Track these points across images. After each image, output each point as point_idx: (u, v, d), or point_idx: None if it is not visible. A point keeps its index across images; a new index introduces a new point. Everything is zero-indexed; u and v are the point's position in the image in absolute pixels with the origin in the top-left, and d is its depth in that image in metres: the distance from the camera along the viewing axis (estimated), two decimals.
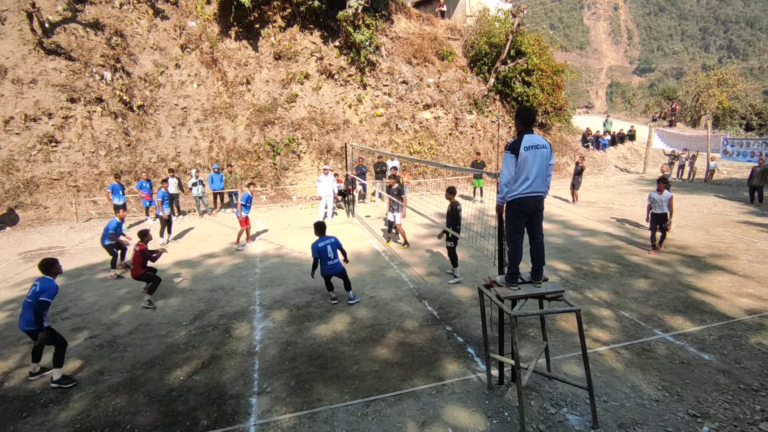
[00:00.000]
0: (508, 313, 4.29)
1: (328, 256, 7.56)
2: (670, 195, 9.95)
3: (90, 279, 9.45)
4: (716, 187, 19.53)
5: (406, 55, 22.41)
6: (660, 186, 9.95)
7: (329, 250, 7.58)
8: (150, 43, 18.25)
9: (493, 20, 23.99)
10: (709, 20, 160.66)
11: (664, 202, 9.91)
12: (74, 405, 5.10)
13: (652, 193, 10.16)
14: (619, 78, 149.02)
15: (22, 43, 15.84)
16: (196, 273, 9.62)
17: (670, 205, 9.96)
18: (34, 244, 12.38)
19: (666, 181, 9.97)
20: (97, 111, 16.33)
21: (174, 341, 6.55)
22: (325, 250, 7.55)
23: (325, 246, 7.59)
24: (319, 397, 5.10)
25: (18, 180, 14.90)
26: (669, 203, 9.92)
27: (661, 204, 9.93)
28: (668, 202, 9.91)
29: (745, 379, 5.22)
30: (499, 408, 4.81)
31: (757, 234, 11.49)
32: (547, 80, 23.45)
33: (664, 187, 9.91)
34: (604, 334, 6.38)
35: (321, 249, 7.55)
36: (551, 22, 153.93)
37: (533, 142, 4.39)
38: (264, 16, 20.00)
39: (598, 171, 24.76)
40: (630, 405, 4.81)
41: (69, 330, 7.00)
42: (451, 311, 7.28)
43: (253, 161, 18.40)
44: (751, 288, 7.92)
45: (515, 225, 4.60)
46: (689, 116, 38.88)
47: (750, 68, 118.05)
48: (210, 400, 5.12)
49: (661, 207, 9.93)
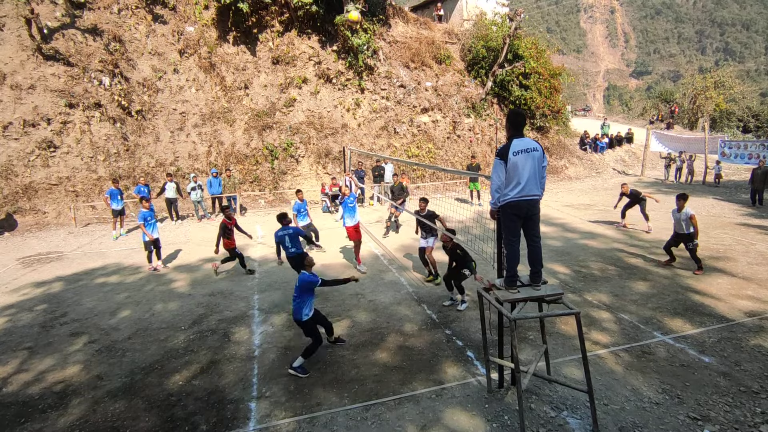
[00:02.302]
0: (507, 316, 4.29)
1: (286, 245, 8.11)
2: (690, 213, 8.86)
3: (89, 284, 9.43)
4: (713, 190, 19.58)
5: (404, 59, 22.48)
6: (680, 204, 8.98)
7: (287, 240, 8.10)
8: (148, 48, 18.28)
9: (491, 24, 24.11)
10: (705, 23, 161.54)
11: (683, 221, 8.89)
12: (73, 411, 5.08)
13: (672, 211, 9.23)
14: (617, 81, 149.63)
15: (21, 49, 15.86)
16: (195, 277, 9.61)
17: (694, 224, 8.82)
18: (32, 250, 12.36)
19: (685, 198, 9.03)
20: (95, 116, 16.34)
21: (173, 346, 6.53)
22: (283, 239, 8.11)
23: (284, 235, 8.11)
24: (318, 402, 5.09)
25: (16, 185, 14.89)
26: (691, 221, 8.81)
27: (680, 222, 8.97)
28: (689, 221, 8.82)
29: (746, 382, 5.21)
30: (499, 412, 4.80)
31: (756, 236, 11.50)
32: (545, 83, 23.55)
33: (684, 205, 8.93)
34: (604, 337, 6.37)
35: (280, 237, 8.12)
36: (548, 25, 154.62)
37: (523, 146, 4.39)
38: (262, 21, 20.06)
39: (596, 174, 24.82)
40: (630, 408, 4.80)
41: (67, 335, 6.98)
42: (450, 315, 7.27)
43: (251, 166, 18.42)
44: (750, 290, 7.92)
45: (510, 228, 4.61)
46: (686, 119, 39.02)
47: (746, 70, 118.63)
48: (209, 405, 5.10)
49: (680, 226, 8.97)
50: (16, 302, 8.46)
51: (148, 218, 9.81)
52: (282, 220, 8.20)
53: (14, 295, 8.90)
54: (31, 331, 7.15)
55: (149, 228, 9.83)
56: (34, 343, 6.75)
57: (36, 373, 5.89)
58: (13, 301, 8.56)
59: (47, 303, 8.39)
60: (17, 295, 8.83)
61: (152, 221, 9.93)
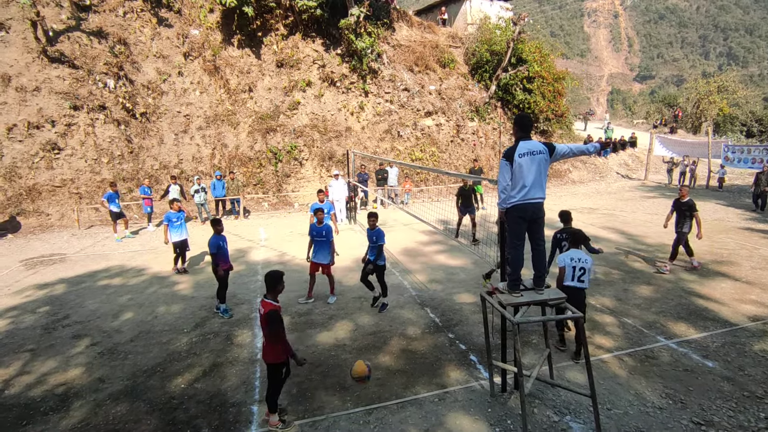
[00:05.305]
0: (511, 320, 4.27)
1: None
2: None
3: (91, 286, 9.45)
4: (717, 194, 19.50)
5: (408, 62, 22.54)
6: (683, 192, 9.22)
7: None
8: (153, 51, 18.39)
9: (494, 28, 24.17)
10: (708, 28, 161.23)
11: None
12: (74, 413, 5.07)
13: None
14: (620, 85, 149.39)
15: (26, 51, 15.97)
16: (198, 280, 9.62)
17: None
18: (35, 252, 12.40)
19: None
20: (100, 118, 16.43)
21: (175, 349, 6.53)
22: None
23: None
24: (320, 405, 5.07)
25: (20, 187, 14.95)
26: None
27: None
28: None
29: (749, 387, 5.17)
30: (501, 416, 4.77)
31: (760, 240, 11.44)
32: (548, 87, 23.57)
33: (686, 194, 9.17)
34: (608, 341, 6.34)
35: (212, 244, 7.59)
36: (552, 29, 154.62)
37: (528, 149, 4.40)
38: (266, 25, 20.15)
39: (599, 178, 24.78)
40: (633, 413, 4.77)
41: (70, 338, 6.98)
42: (453, 318, 7.25)
43: (255, 168, 18.46)
44: (754, 295, 7.88)
45: (515, 232, 4.60)
46: (690, 123, 38.94)
47: (750, 75, 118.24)
48: (211, 408, 5.09)
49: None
50: (18, 304, 8.48)
51: (173, 219, 9.74)
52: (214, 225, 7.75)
53: (17, 297, 8.92)
54: (34, 333, 7.16)
55: (173, 230, 9.77)
56: (37, 345, 6.76)
57: (38, 375, 5.89)
58: (16, 303, 8.58)
59: (50, 305, 8.40)
60: (20, 297, 8.85)
61: (178, 223, 9.82)
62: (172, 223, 9.77)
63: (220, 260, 7.54)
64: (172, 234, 9.81)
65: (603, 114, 44.61)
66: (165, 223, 9.80)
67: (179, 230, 9.88)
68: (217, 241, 7.56)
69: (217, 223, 7.71)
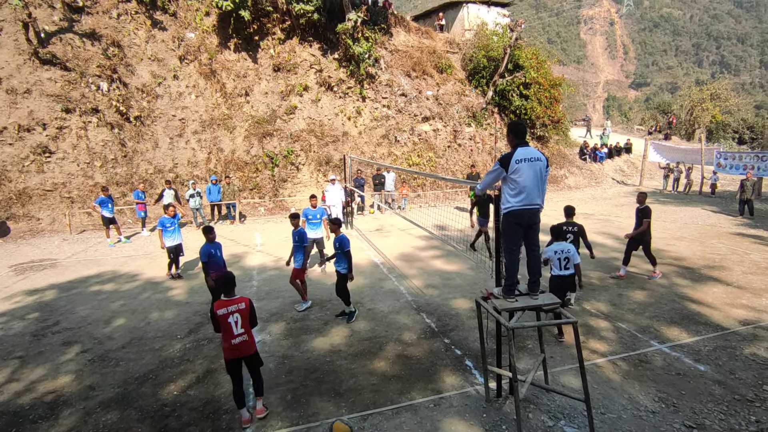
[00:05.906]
0: (506, 325, 4.26)
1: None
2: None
3: (83, 292, 9.34)
4: (710, 200, 19.64)
5: (405, 67, 22.62)
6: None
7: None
8: (148, 54, 18.33)
9: (492, 34, 24.31)
10: (701, 36, 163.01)
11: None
12: (64, 421, 4.99)
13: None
14: (616, 92, 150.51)
15: (18, 53, 15.81)
16: (192, 285, 9.54)
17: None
18: (25, 257, 12.25)
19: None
20: (92, 122, 16.31)
21: (168, 355, 6.46)
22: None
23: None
24: (315, 411, 5.02)
25: (10, 191, 14.77)
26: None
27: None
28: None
29: (740, 390, 5.20)
30: (497, 421, 4.75)
31: (751, 246, 11.54)
32: (545, 93, 23.71)
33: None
34: (602, 346, 6.34)
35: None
36: (549, 36, 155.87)
37: (527, 155, 4.40)
38: (263, 29, 20.17)
39: (595, 183, 24.91)
40: (627, 417, 4.77)
41: (60, 344, 6.88)
42: (449, 323, 7.23)
43: (251, 173, 18.40)
44: (745, 299, 7.94)
45: (511, 237, 4.60)
46: (684, 130, 39.36)
47: (742, 83, 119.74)
48: (204, 416, 5.03)
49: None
50: (7, 310, 8.36)
51: (167, 225, 9.69)
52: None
53: (6, 303, 8.79)
54: (23, 340, 7.05)
55: (167, 235, 9.72)
56: (26, 352, 6.65)
57: (27, 382, 5.80)
58: (5, 309, 8.45)
59: (40, 311, 8.29)
60: (9, 303, 8.72)
61: (172, 228, 9.77)
62: (165, 228, 9.71)
63: (212, 269, 7.41)
64: (167, 239, 9.75)
65: (603, 121, 44.91)
66: (159, 228, 9.72)
67: (173, 235, 9.82)
68: (208, 250, 7.40)
69: (209, 231, 7.52)
